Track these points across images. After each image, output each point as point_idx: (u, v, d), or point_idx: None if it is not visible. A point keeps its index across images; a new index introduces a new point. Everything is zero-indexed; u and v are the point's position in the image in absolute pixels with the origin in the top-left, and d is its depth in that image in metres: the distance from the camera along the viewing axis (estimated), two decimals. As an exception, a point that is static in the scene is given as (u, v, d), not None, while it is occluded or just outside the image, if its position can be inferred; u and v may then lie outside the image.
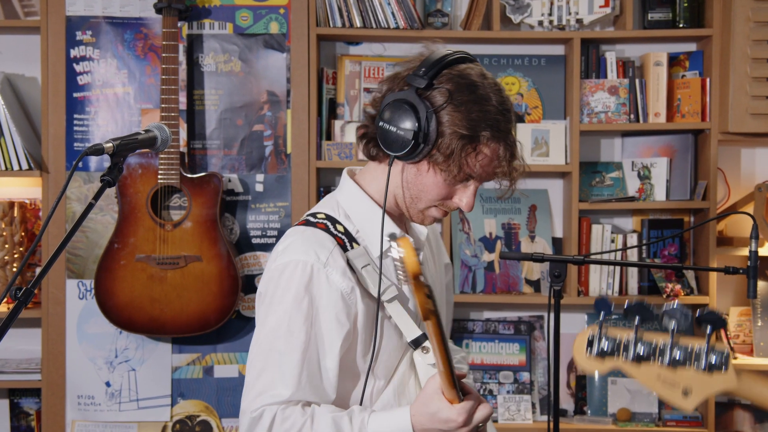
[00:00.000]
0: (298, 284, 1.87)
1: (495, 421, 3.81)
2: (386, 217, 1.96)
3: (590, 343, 1.53)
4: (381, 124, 1.90)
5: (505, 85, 3.93)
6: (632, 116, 3.82)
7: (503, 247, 3.89)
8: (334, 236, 1.93)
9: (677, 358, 1.49)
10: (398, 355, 1.95)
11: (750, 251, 2.74)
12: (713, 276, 3.75)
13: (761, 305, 3.87)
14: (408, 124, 1.86)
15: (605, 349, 1.52)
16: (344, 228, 1.96)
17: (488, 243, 3.90)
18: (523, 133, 3.83)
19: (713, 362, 1.49)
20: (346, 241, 1.94)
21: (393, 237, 1.66)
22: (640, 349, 1.51)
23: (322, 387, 1.89)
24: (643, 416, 3.81)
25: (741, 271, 2.76)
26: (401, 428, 1.83)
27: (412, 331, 1.93)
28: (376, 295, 1.90)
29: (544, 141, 3.83)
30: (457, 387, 1.81)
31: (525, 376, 3.89)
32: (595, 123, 3.82)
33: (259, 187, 3.87)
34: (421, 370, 1.95)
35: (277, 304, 1.89)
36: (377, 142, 1.94)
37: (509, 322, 3.94)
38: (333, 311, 1.88)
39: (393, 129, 1.87)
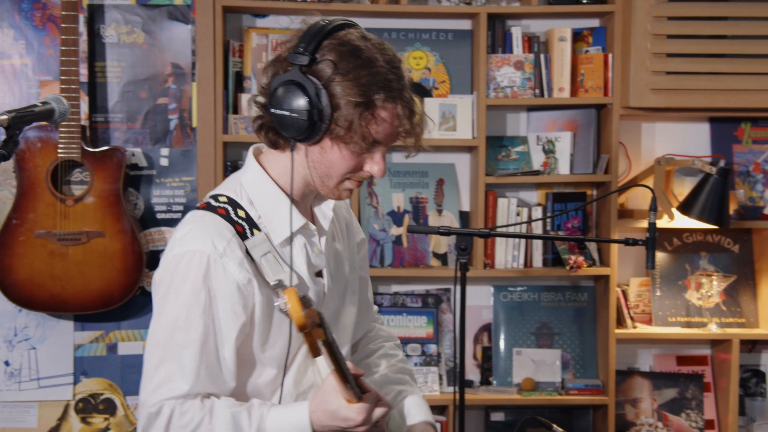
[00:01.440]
0: (195, 276, 1.84)
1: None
2: (291, 205, 1.93)
3: None
4: (273, 110, 1.85)
5: (413, 59, 3.93)
6: (537, 91, 3.87)
7: (411, 221, 3.92)
8: (234, 223, 1.90)
9: None
10: (295, 345, 1.93)
11: (649, 223, 2.80)
12: (614, 248, 3.84)
13: (660, 276, 3.98)
14: (300, 105, 1.81)
15: None
16: (246, 213, 1.92)
17: (396, 217, 3.92)
18: (431, 107, 3.84)
19: None
20: (246, 227, 1.91)
21: (280, 285, 1.69)
22: None
23: (221, 377, 1.87)
24: (546, 385, 3.89)
25: (640, 242, 2.83)
26: (300, 424, 1.84)
27: None
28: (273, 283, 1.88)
29: (451, 115, 3.86)
30: (353, 386, 1.82)
31: (432, 348, 3.93)
32: (501, 98, 3.85)
33: (164, 162, 3.81)
34: (318, 360, 1.94)
35: (174, 294, 1.86)
36: (276, 130, 1.89)
37: (417, 296, 3.97)
38: (229, 303, 1.86)
39: (286, 113, 1.83)
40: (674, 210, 3.83)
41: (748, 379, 4.01)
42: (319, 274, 2.02)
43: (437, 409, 3.94)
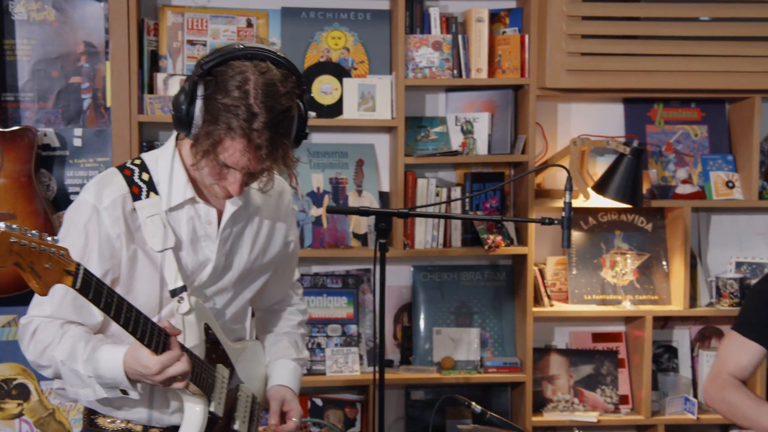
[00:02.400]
0: (79, 221, 2.15)
1: (323, 374, 3.84)
2: (189, 183, 2.18)
3: None
4: (173, 100, 2.07)
5: (331, 39, 3.92)
6: (455, 72, 3.88)
7: (331, 202, 3.91)
8: (133, 184, 2.16)
9: None
10: (156, 303, 2.18)
11: (564, 202, 2.84)
12: (532, 227, 3.89)
13: (576, 254, 4.05)
14: (178, 106, 2.04)
15: None
16: (150, 178, 2.18)
17: (316, 198, 3.90)
18: (350, 87, 3.83)
19: None
20: (144, 189, 2.17)
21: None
22: None
23: (86, 310, 2.14)
24: (465, 364, 3.93)
25: (556, 221, 2.87)
26: (117, 362, 2.07)
27: (174, 282, 2.16)
28: (150, 243, 2.15)
29: (370, 96, 3.85)
30: (156, 344, 2.03)
31: (353, 328, 3.93)
32: (420, 78, 3.86)
33: (78, 142, 3.72)
34: (175, 319, 2.17)
35: (64, 234, 2.17)
36: None
37: (337, 276, 3.97)
38: (98, 249, 2.13)
39: (174, 108, 2.06)
40: (589, 190, 3.90)
41: (661, 354, 4.11)
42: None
43: (358, 389, 3.96)
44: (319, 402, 3.91)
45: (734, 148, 4.09)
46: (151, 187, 2.17)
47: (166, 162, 2.19)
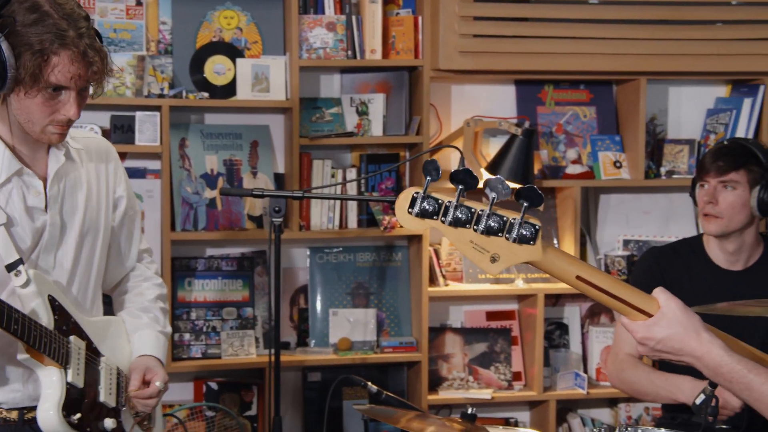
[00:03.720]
0: None
1: (218, 357, 3.81)
2: (8, 151, 2.15)
3: (413, 203, 1.53)
4: None
5: (224, 19, 3.86)
6: (350, 53, 3.88)
7: (225, 184, 3.86)
8: None
9: (492, 225, 1.53)
10: None
11: (458, 183, 2.88)
12: (427, 208, 3.92)
13: (470, 234, 4.10)
14: None
15: (427, 209, 1.52)
16: None
17: (209, 180, 3.86)
18: (243, 68, 3.79)
19: (524, 234, 1.55)
20: None
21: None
22: (459, 214, 1.52)
23: None
24: (362, 344, 3.95)
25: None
26: None
27: (9, 257, 2.12)
28: None
29: (264, 76, 3.82)
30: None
31: (248, 311, 3.91)
32: (315, 59, 3.84)
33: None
34: (9, 294, 2.14)
35: None
36: None
37: (232, 259, 3.93)
38: None
39: None
40: (482, 170, 3.95)
41: (552, 331, 4.21)
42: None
43: (255, 372, 3.94)
44: (214, 386, 3.88)
45: (621, 128, 4.20)
46: None
47: None
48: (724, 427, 2.72)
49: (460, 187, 1.52)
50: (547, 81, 4.17)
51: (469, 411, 2.44)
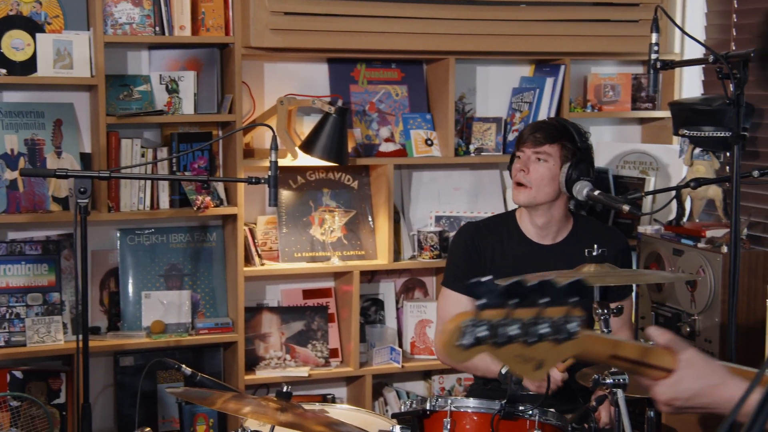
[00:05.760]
0: None
1: (23, 345, 3.65)
2: None
3: (463, 333, 1.32)
4: None
5: (22, -10, 3.68)
6: (158, 29, 3.78)
7: (27, 164, 3.69)
8: None
9: (543, 333, 1.34)
10: None
11: (270, 161, 2.87)
12: (241, 187, 3.88)
13: (285, 213, 4.09)
14: None
15: (480, 337, 1.31)
16: None
17: (10, 160, 3.68)
18: (44, 43, 3.62)
19: (568, 332, 1.36)
20: None
21: None
22: (511, 331, 1.33)
23: None
24: (177, 327, 3.88)
25: (263, 180, 2.89)
26: None
27: None
28: None
29: (67, 52, 3.66)
30: None
31: (55, 296, 3.76)
32: (120, 35, 3.72)
33: None
34: None
35: None
36: None
37: (36, 242, 3.77)
38: None
39: None
40: (297, 149, 3.94)
41: (368, 307, 4.27)
42: None
43: (63, 358, 3.80)
44: (19, 375, 3.71)
45: (432, 107, 4.29)
46: None
47: None
48: (530, 393, 2.84)
49: (514, 302, 1.34)
50: (360, 60, 4.20)
51: (285, 389, 2.44)
